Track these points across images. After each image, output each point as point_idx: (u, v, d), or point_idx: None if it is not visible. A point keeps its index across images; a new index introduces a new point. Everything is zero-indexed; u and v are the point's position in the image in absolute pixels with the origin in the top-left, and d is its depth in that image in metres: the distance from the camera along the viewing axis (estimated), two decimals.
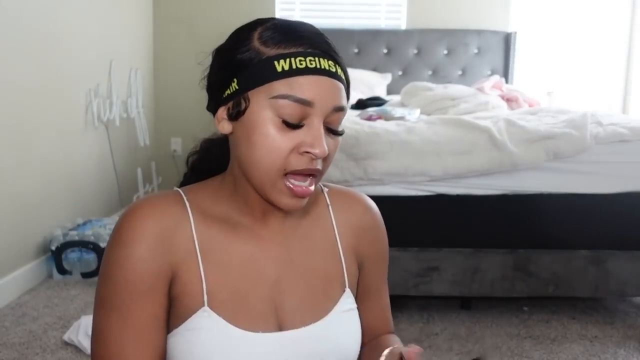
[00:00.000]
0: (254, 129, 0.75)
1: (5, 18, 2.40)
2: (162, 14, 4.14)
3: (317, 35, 0.78)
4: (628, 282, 2.28)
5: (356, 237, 0.91)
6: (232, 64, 0.77)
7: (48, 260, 2.72)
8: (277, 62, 0.74)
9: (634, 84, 4.23)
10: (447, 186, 2.22)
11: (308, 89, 0.73)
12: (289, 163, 0.75)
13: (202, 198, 0.83)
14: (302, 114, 0.74)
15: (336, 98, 0.76)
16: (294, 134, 0.74)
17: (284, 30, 0.77)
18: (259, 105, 0.75)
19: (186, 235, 0.79)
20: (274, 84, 0.74)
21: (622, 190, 2.24)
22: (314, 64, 0.74)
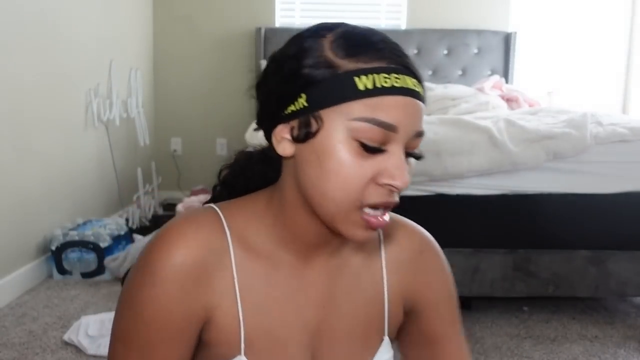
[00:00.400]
0: (328, 155, 0.65)
1: (5, 18, 2.40)
2: (162, 14, 4.14)
3: (396, 46, 0.68)
4: (628, 282, 2.28)
5: (407, 279, 0.81)
6: (299, 76, 0.66)
7: (48, 260, 2.72)
8: (357, 79, 0.64)
9: (634, 84, 4.23)
10: (447, 186, 2.22)
11: (393, 112, 0.64)
12: (366, 195, 0.66)
13: (244, 224, 0.73)
14: (383, 139, 0.65)
15: (419, 122, 0.67)
16: (372, 161, 0.65)
17: (361, 39, 0.67)
18: (333, 127, 0.65)
19: (225, 273, 0.70)
20: (354, 104, 0.64)
21: (622, 190, 2.23)
22: (399, 83, 0.64)
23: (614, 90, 4.29)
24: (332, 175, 0.65)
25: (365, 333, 0.78)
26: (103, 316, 2.13)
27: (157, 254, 0.68)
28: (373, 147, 0.64)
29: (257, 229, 0.73)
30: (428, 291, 0.82)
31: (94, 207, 3.23)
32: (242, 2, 4.13)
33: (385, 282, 0.79)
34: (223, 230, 0.71)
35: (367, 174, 0.65)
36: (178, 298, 0.67)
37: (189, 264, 0.67)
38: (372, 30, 0.69)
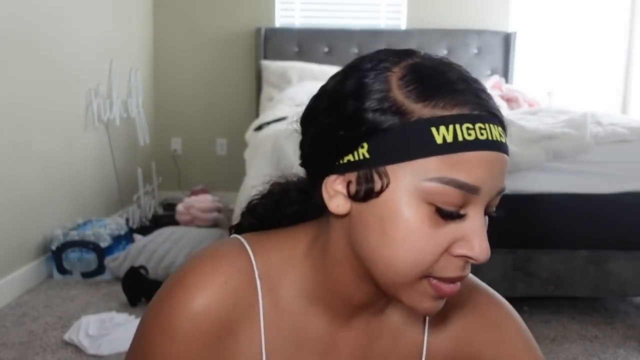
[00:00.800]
0: (395, 220, 0.54)
1: (5, 18, 2.41)
2: (162, 13, 4.14)
3: (478, 85, 0.56)
4: (628, 282, 2.28)
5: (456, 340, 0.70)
6: (360, 120, 0.54)
7: (48, 260, 2.72)
8: (435, 130, 0.52)
9: (634, 84, 4.23)
10: None
11: (476, 171, 0.53)
12: (437, 269, 0.55)
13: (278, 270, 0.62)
14: (463, 202, 0.54)
15: (503, 178, 0.57)
16: (448, 228, 0.54)
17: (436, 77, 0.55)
18: (403, 186, 0.54)
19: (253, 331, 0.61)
20: (430, 160, 0.53)
21: (622, 190, 2.24)
22: (485, 135, 0.53)
23: (614, 90, 4.30)
24: (398, 244, 0.54)
25: None
26: (103, 316, 2.13)
27: (177, 302, 0.58)
28: (450, 212, 0.54)
29: (293, 279, 0.62)
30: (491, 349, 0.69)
31: (94, 207, 3.23)
32: (242, 2, 4.13)
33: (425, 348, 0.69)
34: (253, 276, 0.61)
35: (441, 244, 0.54)
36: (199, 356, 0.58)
37: (214, 315, 0.58)
38: (447, 64, 0.57)
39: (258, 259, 0.62)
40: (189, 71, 4.17)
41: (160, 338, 0.58)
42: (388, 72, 0.56)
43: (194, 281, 0.58)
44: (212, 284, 0.58)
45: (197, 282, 0.58)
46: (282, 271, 0.62)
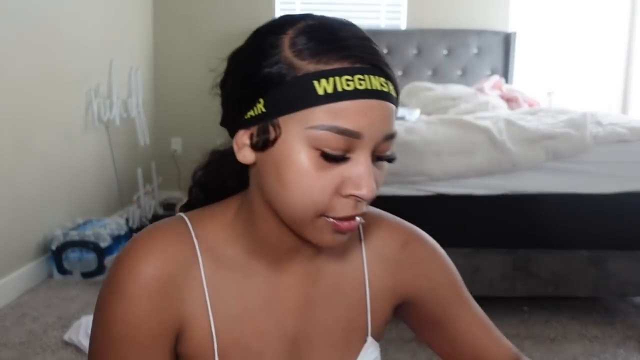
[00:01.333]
0: (287, 166, 0.61)
1: (5, 18, 2.41)
2: (162, 13, 4.13)
3: (364, 41, 0.62)
4: (628, 282, 2.28)
5: (395, 276, 0.77)
6: (257, 79, 0.62)
7: (48, 260, 2.72)
8: (317, 82, 0.59)
9: (634, 84, 4.23)
10: (447, 186, 2.22)
11: (356, 117, 0.59)
12: (330, 208, 0.61)
13: (213, 233, 0.70)
14: (346, 146, 0.60)
15: (388, 124, 0.62)
16: (335, 170, 0.60)
17: (323, 35, 0.61)
18: (292, 135, 0.60)
19: (195, 285, 0.68)
20: (314, 110, 0.59)
21: (622, 190, 2.24)
22: (363, 85, 0.59)
23: (614, 90, 4.30)
24: (291, 187, 0.61)
25: (346, 336, 0.75)
26: None
27: (124, 269, 0.66)
28: (335, 156, 0.59)
29: (227, 239, 0.70)
30: (420, 281, 0.78)
31: (94, 207, 3.23)
32: (242, 2, 4.13)
33: (367, 282, 0.76)
34: (192, 241, 0.68)
35: (329, 185, 0.60)
36: (148, 313, 0.65)
37: (157, 277, 0.65)
38: (341, 24, 0.64)
39: (195, 227, 0.69)
40: (189, 71, 4.17)
41: (111, 300, 0.66)
42: (282, 34, 0.62)
43: (136, 251, 0.67)
44: (154, 250, 0.66)
45: (140, 250, 0.66)
46: (217, 234, 0.70)
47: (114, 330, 0.66)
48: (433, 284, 0.79)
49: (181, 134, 4.23)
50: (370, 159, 0.61)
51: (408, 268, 0.78)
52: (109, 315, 0.66)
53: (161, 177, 4.06)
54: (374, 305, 0.76)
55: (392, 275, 0.77)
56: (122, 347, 0.66)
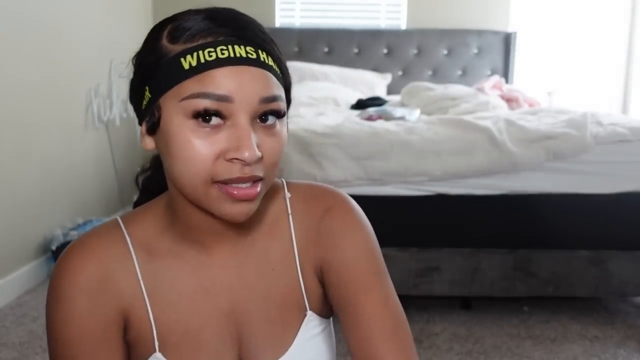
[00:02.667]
0: (170, 140, 0.64)
1: (5, 18, 2.41)
2: (162, 13, 4.10)
3: (234, 19, 0.67)
4: (628, 282, 2.28)
5: (315, 246, 0.76)
6: (141, 70, 0.68)
7: (48, 260, 2.72)
8: (183, 59, 0.63)
9: (634, 84, 4.23)
10: (447, 186, 2.22)
11: (223, 82, 0.62)
12: (216, 172, 0.63)
13: (145, 229, 0.74)
14: (219, 111, 0.63)
15: (262, 87, 0.64)
16: (215, 137, 0.63)
17: (193, 20, 0.66)
18: (170, 111, 0.64)
19: (130, 277, 0.72)
20: (184, 84, 0.63)
21: (622, 190, 2.24)
22: (226, 53, 0.63)
23: (614, 90, 4.30)
24: (178, 160, 0.64)
25: (284, 312, 0.75)
26: None
27: (60, 273, 0.70)
28: (208, 117, 0.62)
29: (158, 231, 0.74)
30: (333, 253, 0.75)
31: (94, 207, 3.23)
32: (242, 2, 4.10)
33: (297, 255, 0.76)
34: (124, 238, 0.73)
35: (211, 150, 0.63)
36: (89, 311, 0.69)
37: (93, 275, 0.69)
38: (218, 10, 0.68)
39: (127, 224, 0.74)
40: None
41: (54, 304, 0.70)
42: (163, 29, 0.68)
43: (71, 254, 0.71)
44: (88, 251, 0.71)
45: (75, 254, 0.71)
46: (148, 228, 0.74)
47: (62, 332, 0.69)
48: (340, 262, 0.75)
49: None
50: (248, 122, 0.63)
51: (324, 236, 0.76)
52: (55, 318, 0.70)
53: None
54: (306, 279, 0.76)
55: (314, 245, 0.76)
56: (72, 347, 0.69)
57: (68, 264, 0.70)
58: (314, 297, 0.77)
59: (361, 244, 0.76)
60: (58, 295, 0.70)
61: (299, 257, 0.76)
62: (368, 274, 0.75)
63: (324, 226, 0.76)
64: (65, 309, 0.69)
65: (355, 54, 4.11)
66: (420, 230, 2.27)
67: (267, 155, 0.65)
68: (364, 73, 3.96)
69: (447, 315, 2.36)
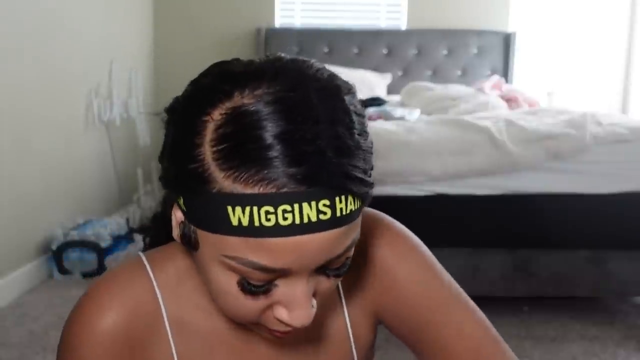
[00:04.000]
0: (208, 278, 0.53)
1: (5, 18, 2.41)
2: (163, 13, 4.13)
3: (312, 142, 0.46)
4: (628, 282, 2.28)
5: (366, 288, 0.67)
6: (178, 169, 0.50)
7: (48, 260, 2.72)
8: (231, 209, 0.46)
9: (633, 84, 4.23)
10: (447, 186, 2.22)
11: (279, 255, 0.47)
12: (262, 320, 0.54)
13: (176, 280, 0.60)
14: (272, 277, 0.50)
15: (331, 251, 0.49)
16: (262, 296, 0.51)
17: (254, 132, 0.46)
18: (209, 254, 0.51)
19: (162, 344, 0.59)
20: (230, 239, 0.48)
21: (622, 190, 2.24)
22: (289, 219, 0.46)
23: (614, 90, 4.30)
24: (220, 299, 0.53)
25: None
26: None
27: (79, 324, 0.57)
28: (256, 289, 0.50)
29: (193, 285, 0.60)
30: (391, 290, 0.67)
31: (94, 206, 3.23)
32: (242, 2, 4.13)
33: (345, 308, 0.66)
34: (153, 288, 0.59)
35: (254, 309, 0.52)
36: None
37: (119, 331, 0.57)
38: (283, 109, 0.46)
39: (157, 272, 0.60)
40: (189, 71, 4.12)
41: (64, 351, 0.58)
42: (208, 115, 0.48)
43: (93, 306, 0.58)
44: (111, 305, 0.57)
45: (96, 306, 0.57)
46: (181, 279, 0.60)
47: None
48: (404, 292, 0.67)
49: None
50: (305, 284, 0.51)
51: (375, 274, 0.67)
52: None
53: None
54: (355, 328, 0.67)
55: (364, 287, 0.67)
56: None
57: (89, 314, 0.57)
58: (363, 348, 0.68)
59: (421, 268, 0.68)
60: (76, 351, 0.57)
61: (347, 308, 0.66)
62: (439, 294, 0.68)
63: (372, 263, 0.66)
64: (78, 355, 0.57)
65: (356, 54, 4.11)
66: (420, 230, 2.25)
67: (322, 294, 0.54)
68: (364, 73, 3.95)
69: None
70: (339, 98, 0.50)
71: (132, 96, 3.66)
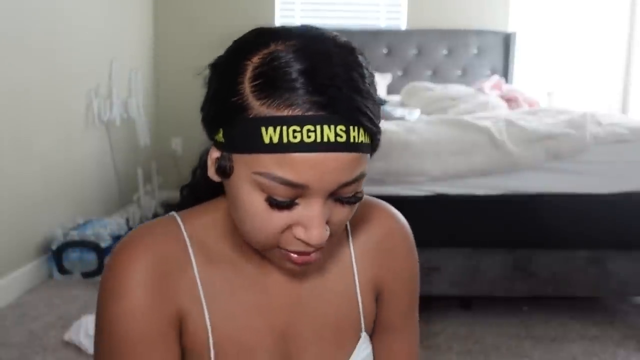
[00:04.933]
0: (239, 203, 0.61)
1: (5, 18, 2.41)
2: (163, 13, 4.14)
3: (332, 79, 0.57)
4: (628, 282, 2.28)
5: (375, 265, 0.77)
6: (218, 105, 0.61)
7: (48, 260, 2.72)
8: (264, 129, 0.56)
9: (633, 84, 4.23)
10: (447, 186, 2.22)
11: (302, 170, 0.57)
12: (282, 242, 0.62)
13: (204, 231, 0.70)
14: (294, 194, 0.59)
15: (345, 174, 0.59)
16: (284, 213, 0.60)
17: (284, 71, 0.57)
18: (242, 175, 0.60)
19: (189, 278, 0.68)
20: (260, 157, 0.57)
21: (622, 190, 2.24)
22: (312, 137, 0.56)
23: (614, 90, 4.30)
24: (243, 221, 0.62)
25: (338, 331, 0.74)
26: None
27: (116, 268, 0.65)
28: (280, 203, 0.59)
29: (218, 236, 0.70)
30: (389, 275, 0.78)
31: (94, 207, 3.24)
32: (242, 2, 4.13)
33: (356, 274, 0.76)
34: (182, 237, 0.69)
35: (277, 226, 0.60)
36: (148, 308, 0.64)
37: (150, 273, 0.65)
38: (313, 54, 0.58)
39: (186, 224, 0.70)
40: (189, 71, 4.15)
41: (110, 299, 0.65)
42: (248, 59, 0.59)
43: (126, 249, 0.66)
44: (144, 247, 0.66)
45: (130, 248, 0.66)
46: (208, 231, 0.70)
47: (114, 330, 0.64)
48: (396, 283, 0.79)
49: (181, 134, 4.23)
50: (321, 205, 0.60)
51: (386, 256, 0.78)
52: (111, 315, 0.65)
53: (161, 177, 4.06)
54: (365, 299, 0.76)
55: (373, 264, 0.77)
56: (126, 346, 0.64)
57: (125, 259, 0.65)
58: (369, 317, 0.77)
59: (413, 270, 0.81)
60: (115, 288, 0.64)
61: (358, 276, 0.76)
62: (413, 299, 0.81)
63: (386, 245, 0.78)
64: (123, 305, 0.64)
65: None
66: (420, 230, 2.25)
67: (335, 224, 0.63)
68: None
69: (447, 315, 2.36)
70: (354, 54, 0.61)
71: (132, 96, 3.67)
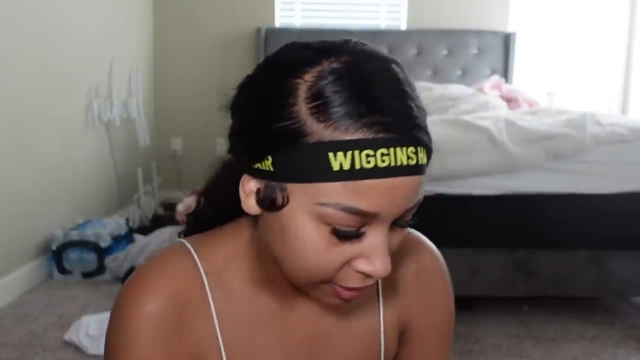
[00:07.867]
0: (294, 236, 0.55)
1: (5, 18, 2.41)
2: (163, 13, 4.14)
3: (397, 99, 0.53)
4: (628, 282, 2.28)
5: (404, 304, 0.72)
6: (266, 131, 0.54)
7: (48, 260, 2.72)
8: (332, 155, 0.51)
9: (633, 84, 4.23)
10: (447, 186, 2.22)
11: (374, 198, 0.52)
12: (338, 278, 0.57)
13: (223, 264, 0.64)
14: (361, 223, 0.54)
15: (413, 198, 0.55)
16: (346, 246, 0.55)
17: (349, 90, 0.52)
18: (301, 206, 0.54)
19: (207, 323, 0.63)
20: (326, 185, 0.52)
21: (622, 190, 2.24)
22: (387, 161, 0.51)
23: (614, 90, 4.30)
24: (298, 258, 0.56)
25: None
26: (103, 316, 2.13)
27: (128, 308, 0.61)
28: (347, 234, 0.54)
29: (238, 270, 0.64)
30: (421, 316, 0.73)
31: (94, 207, 3.24)
32: (242, 2, 4.13)
33: (382, 310, 0.71)
34: (198, 273, 0.63)
35: (338, 261, 0.55)
36: (161, 351, 0.60)
37: (164, 313, 0.60)
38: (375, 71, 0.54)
39: (202, 258, 0.64)
40: (189, 71, 4.17)
41: (121, 341, 0.61)
42: (299, 77, 0.53)
43: (139, 287, 0.61)
44: (159, 288, 0.61)
45: (143, 286, 0.61)
46: (227, 264, 0.64)
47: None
48: (431, 325, 0.74)
49: (181, 134, 4.24)
50: (386, 234, 0.55)
51: (415, 295, 0.73)
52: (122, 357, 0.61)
53: (161, 177, 4.06)
54: (387, 334, 0.71)
55: (401, 301, 0.72)
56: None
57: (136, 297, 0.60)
58: (389, 353, 0.73)
59: (448, 311, 0.75)
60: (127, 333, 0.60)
61: (383, 312, 0.71)
62: (446, 340, 0.76)
63: (416, 285, 0.72)
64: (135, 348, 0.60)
65: None
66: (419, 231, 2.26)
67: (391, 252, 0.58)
68: None
69: None
70: (401, 66, 0.58)
71: (132, 96, 3.67)
